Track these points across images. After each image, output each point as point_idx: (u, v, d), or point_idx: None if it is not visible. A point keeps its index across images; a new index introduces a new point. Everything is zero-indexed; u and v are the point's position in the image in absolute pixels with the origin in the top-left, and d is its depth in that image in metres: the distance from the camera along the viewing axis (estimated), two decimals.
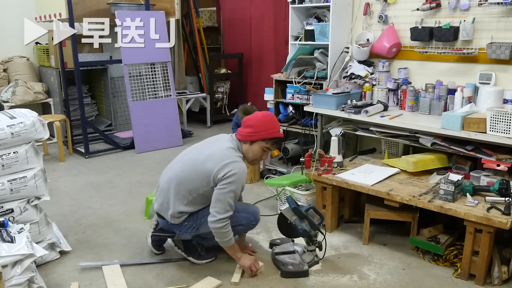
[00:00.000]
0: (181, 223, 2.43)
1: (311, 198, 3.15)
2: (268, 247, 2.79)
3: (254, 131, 2.38)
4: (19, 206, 2.48)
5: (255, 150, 2.41)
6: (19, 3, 5.37)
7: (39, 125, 2.55)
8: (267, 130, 2.39)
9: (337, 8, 3.62)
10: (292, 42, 3.99)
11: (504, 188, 2.43)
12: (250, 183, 3.98)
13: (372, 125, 3.17)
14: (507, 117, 2.52)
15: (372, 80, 3.57)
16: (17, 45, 5.39)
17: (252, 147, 2.41)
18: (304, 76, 3.79)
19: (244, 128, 2.42)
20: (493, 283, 2.38)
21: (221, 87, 6.60)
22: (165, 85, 5.12)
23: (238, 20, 6.40)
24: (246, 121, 2.44)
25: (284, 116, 4.05)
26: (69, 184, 3.99)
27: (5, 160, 2.43)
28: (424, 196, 2.54)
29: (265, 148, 2.42)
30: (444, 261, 2.57)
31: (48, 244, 2.60)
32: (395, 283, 2.40)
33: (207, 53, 6.56)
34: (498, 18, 2.99)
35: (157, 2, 5.35)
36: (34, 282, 2.16)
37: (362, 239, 2.86)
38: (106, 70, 5.56)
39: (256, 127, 2.39)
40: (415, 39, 3.33)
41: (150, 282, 2.41)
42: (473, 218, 2.30)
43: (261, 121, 2.41)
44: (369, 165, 3.14)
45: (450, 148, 2.80)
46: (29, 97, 5.10)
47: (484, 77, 3.05)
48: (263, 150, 2.43)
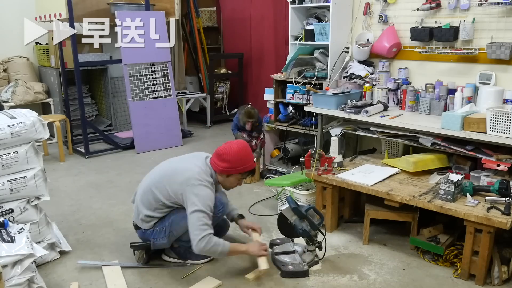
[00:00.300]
0: (152, 228, 2.50)
1: (311, 198, 3.15)
2: (268, 247, 2.79)
3: (230, 166, 2.44)
4: (19, 206, 2.48)
5: (231, 181, 2.53)
6: (19, 3, 5.37)
7: (39, 125, 2.55)
8: (243, 165, 2.47)
9: (337, 8, 3.62)
10: (292, 42, 3.99)
11: (504, 188, 2.43)
12: (250, 183, 3.98)
13: (372, 125, 3.17)
14: (507, 117, 2.52)
15: (372, 80, 3.57)
16: (17, 45, 5.39)
17: (228, 179, 2.51)
18: (304, 76, 3.79)
19: (220, 161, 2.45)
20: (493, 283, 2.38)
21: (221, 87, 6.61)
22: (165, 85, 5.12)
23: (238, 20, 6.40)
24: (222, 155, 2.45)
25: (284, 116, 4.05)
26: (69, 184, 3.99)
27: (5, 160, 2.43)
28: (424, 196, 2.54)
29: (240, 179, 2.54)
30: (444, 261, 2.57)
31: (48, 244, 2.60)
32: (395, 283, 2.40)
33: (207, 53, 6.56)
34: (498, 18, 2.99)
35: (157, 2, 5.35)
36: (34, 282, 2.16)
37: (362, 239, 2.86)
38: (106, 70, 5.57)
39: (232, 162, 2.44)
40: (415, 39, 3.33)
41: (150, 282, 2.42)
42: (473, 218, 2.30)
43: (237, 156, 2.44)
44: (369, 165, 3.14)
45: (450, 148, 2.80)
46: (29, 97, 5.10)
47: (484, 77, 3.05)
48: (239, 180, 2.55)
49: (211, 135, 5.86)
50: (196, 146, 5.26)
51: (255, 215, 3.31)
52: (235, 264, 2.58)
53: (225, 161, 2.43)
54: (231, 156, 2.43)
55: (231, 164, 2.43)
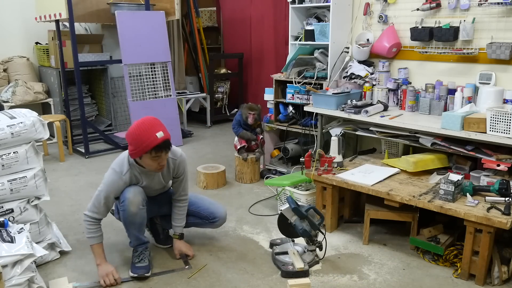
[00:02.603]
0: None
1: (311, 198, 3.15)
2: (268, 247, 2.79)
3: (133, 148, 2.31)
4: (19, 206, 2.48)
5: (147, 162, 2.35)
6: (19, 3, 5.37)
7: (39, 125, 2.55)
8: (143, 143, 2.26)
9: (337, 8, 3.62)
10: (292, 42, 3.99)
11: (504, 188, 2.43)
12: (250, 183, 3.98)
13: (372, 125, 3.17)
14: (507, 117, 2.52)
15: (372, 80, 3.57)
16: (17, 45, 5.41)
17: (143, 161, 2.36)
18: (304, 76, 3.79)
19: (129, 146, 2.38)
20: (493, 283, 2.38)
21: (221, 87, 6.61)
22: (165, 85, 5.12)
23: (238, 20, 6.40)
24: (126, 139, 2.39)
25: (284, 116, 4.05)
26: (69, 184, 3.99)
27: (5, 160, 2.43)
28: (424, 196, 2.54)
29: (153, 157, 2.31)
30: (444, 261, 2.57)
31: (48, 244, 2.60)
32: (395, 283, 2.40)
33: (207, 53, 6.56)
34: (498, 18, 2.99)
35: (157, 2, 5.36)
36: (34, 282, 2.16)
37: (362, 239, 2.86)
38: (106, 70, 5.57)
39: (133, 144, 2.30)
40: (415, 39, 3.33)
41: (150, 282, 2.42)
42: (473, 218, 2.30)
43: (133, 136, 2.30)
44: (369, 165, 3.14)
45: (450, 148, 2.80)
46: (29, 97, 5.10)
47: (484, 77, 3.06)
48: (154, 159, 2.32)
49: (211, 135, 5.87)
50: (196, 146, 5.26)
51: (255, 215, 3.31)
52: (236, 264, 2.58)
53: (129, 144, 2.34)
54: (130, 138, 2.32)
55: (133, 146, 2.30)
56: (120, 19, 4.75)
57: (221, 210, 2.74)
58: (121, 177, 2.38)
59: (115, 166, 2.41)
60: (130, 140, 2.33)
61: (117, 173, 2.38)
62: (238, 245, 2.83)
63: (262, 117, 4.11)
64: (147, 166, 2.38)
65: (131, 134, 2.32)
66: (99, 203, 2.38)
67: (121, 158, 2.44)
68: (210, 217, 2.70)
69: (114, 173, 2.39)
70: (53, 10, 4.65)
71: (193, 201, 2.74)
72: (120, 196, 2.42)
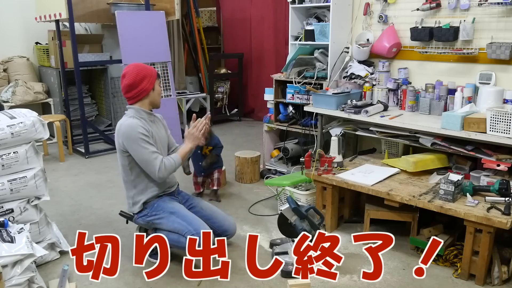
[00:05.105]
0: (140, 210, 2.56)
1: (311, 198, 3.15)
2: (268, 247, 2.79)
3: (145, 84, 2.46)
4: (19, 206, 2.48)
5: (158, 90, 2.54)
6: (19, 3, 5.38)
7: (39, 125, 2.55)
8: (150, 73, 2.48)
9: (337, 8, 3.62)
10: (292, 42, 3.99)
11: (504, 188, 2.43)
12: (250, 183, 3.98)
13: (372, 125, 3.17)
14: (507, 117, 2.52)
15: (372, 80, 3.57)
16: (17, 45, 5.41)
17: (155, 91, 2.52)
18: (304, 76, 3.79)
19: (128, 93, 2.48)
20: (493, 283, 2.38)
21: (221, 87, 6.61)
22: (165, 85, 5.11)
23: (238, 20, 6.41)
24: (124, 88, 2.48)
25: (284, 116, 4.05)
26: (69, 184, 3.99)
27: (5, 160, 2.43)
28: (424, 196, 2.54)
29: (159, 83, 2.56)
30: (444, 261, 2.57)
31: (48, 244, 2.60)
32: (395, 283, 2.40)
33: (207, 53, 6.57)
34: (498, 18, 2.99)
35: (157, 2, 5.35)
36: (34, 282, 2.17)
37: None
38: (106, 70, 5.57)
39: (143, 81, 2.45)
40: (415, 39, 3.33)
41: (150, 282, 2.41)
42: (473, 218, 2.30)
43: (140, 75, 2.44)
44: (369, 165, 3.14)
45: (450, 148, 2.80)
46: (29, 97, 5.10)
47: (484, 77, 3.06)
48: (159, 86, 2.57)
49: None
50: None
51: (255, 215, 3.31)
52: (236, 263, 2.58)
53: (138, 86, 2.45)
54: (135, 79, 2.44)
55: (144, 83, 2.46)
56: (120, 19, 4.75)
57: (233, 227, 2.73)
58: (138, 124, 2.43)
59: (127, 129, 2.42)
60: (137, 80, 2.44)
61: (133, 126, 2.42)
62: (238, 245, 2.83)
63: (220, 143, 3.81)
64: (157, 96, 2.53)
65: (135, 76, 2.43)
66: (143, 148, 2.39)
67: (127, 125, 2.45)
68: (223, 234, 2.67)
69: (131, 130, 2.41)
70: (53, 10, 4.66)
71: (208, 215, 2.68)
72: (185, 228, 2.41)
